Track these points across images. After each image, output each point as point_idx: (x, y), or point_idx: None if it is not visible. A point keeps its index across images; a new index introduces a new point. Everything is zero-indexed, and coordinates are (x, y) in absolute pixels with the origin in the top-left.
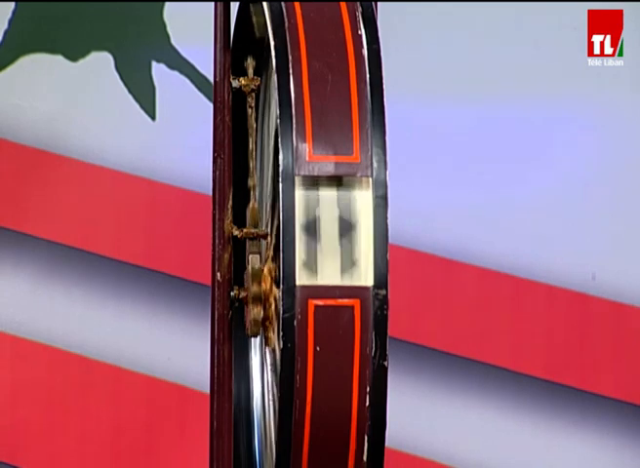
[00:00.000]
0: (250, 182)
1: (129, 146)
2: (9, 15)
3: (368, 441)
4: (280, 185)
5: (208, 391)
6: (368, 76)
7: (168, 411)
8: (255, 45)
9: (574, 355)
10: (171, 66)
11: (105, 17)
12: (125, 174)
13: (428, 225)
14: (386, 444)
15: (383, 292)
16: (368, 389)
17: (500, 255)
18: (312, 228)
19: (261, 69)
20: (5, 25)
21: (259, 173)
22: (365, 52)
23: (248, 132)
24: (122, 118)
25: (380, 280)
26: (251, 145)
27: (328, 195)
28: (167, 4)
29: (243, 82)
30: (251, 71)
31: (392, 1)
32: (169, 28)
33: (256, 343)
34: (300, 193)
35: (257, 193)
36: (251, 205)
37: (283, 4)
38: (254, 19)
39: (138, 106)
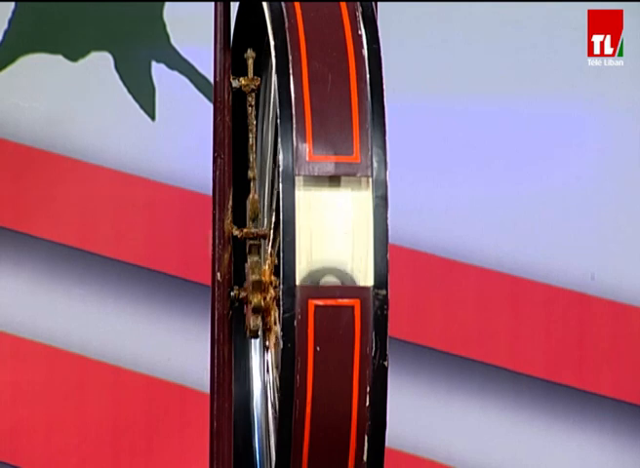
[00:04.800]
0: (250, 174)
1: (129, 146)
2: (9, 15)
3: (368, 441)
4: (280, 185)
5: (208, 391)
6: (368, 76)
7: (168, 411)
8: (255, 45)
9: (573, 355)
10: (171, 66)
11: (105, 17)
12: (125, 173)
13: (428, 225)
14: (386, 444)
15: (383, 292)
16: (368, 389)
17: (500, 255)
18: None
19: (262, 69)
20: (5, 25)
21: (258, 172)
22: (365, 52)
23: (248, 128)
24: (122, 118)
25: (380, 280)
26: (251, 140)
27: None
28: (167, 4)
29: (243, 82)
30: (251, 62)
31: (392, 1)
32: (169, 28)
33: (256, 344)
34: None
35: (256, 189)
36: (251, 196)
37: (283, 4)
38: None
39: (137, 106)
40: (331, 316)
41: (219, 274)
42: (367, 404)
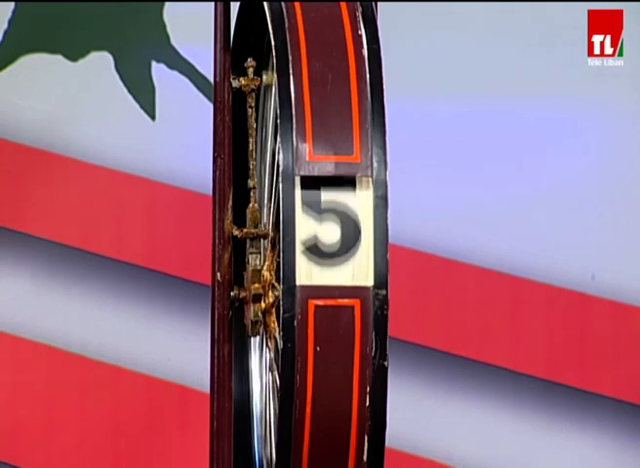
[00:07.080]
0: (250, 183)
1: (129, 146)
2: (9, 15)
3: (368, 441)
4: (280, 185)
5: (208, 391)
6: (368, 76)
7: (168, 411)
8: (255, 45)
9: (573, 355)
10: (171, 66)
11: (105, 17)
12: (125, 173)
13: (428, 225)
14: (386, 444)
15: (383, 292)
16: (368, 389)
17: (500, 255)
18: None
19: (262, 69)
20: (5, 25)
21: (259, 172)
22: (365, 52)
23: (248, 132)
24: (122, 118)
25: (380, 280)
26: (251, 146)
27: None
28: (167, 4)
29: (243, 82)
30: (251, 71)
31: (392, 1)
32: (169, 28)
33: (255, 343)
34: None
35: (257, 193)
36: (251, 205)
37: (283, 4)
38: None
39: (138, 106)
40: (331, 316)
41: (219, 274)
42: (367, 404)
